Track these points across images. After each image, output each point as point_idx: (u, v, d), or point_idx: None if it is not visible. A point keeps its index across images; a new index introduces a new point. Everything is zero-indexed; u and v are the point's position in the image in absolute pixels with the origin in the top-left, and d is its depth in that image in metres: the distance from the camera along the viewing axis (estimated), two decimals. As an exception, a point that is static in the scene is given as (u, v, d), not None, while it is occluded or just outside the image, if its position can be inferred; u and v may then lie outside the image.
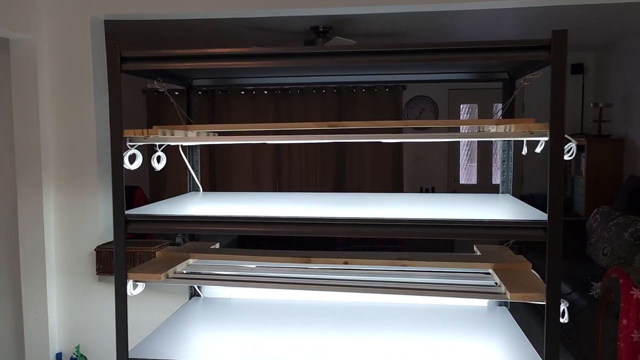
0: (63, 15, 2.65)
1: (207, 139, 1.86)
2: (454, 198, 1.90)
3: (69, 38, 2.66)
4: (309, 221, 1.47)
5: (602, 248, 4.49)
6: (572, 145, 1.42)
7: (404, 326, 1.79)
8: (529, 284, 1.50)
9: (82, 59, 2.65)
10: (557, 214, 1.35)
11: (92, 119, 2.67)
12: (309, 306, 1.95)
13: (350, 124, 1.56)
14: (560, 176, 1.35)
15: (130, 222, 1.54)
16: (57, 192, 2.73)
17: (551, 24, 4.59)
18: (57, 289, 2.75)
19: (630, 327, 2.95)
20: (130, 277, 1.55)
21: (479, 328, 1.78)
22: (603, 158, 5.32)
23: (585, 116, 5.96)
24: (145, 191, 5.39)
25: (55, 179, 2.72)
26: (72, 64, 2.67)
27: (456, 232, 1.43)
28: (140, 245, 2.55)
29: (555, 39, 1.33)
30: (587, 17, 4.29)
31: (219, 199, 1.96)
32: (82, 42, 2.64)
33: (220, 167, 6.52)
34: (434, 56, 1.44)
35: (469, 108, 6.47)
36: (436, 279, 1.64)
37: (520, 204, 1.74)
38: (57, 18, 2.65)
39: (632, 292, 2.95)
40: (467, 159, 6.59)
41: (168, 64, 1.52)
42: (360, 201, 1.80)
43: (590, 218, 5.00)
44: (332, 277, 1.66)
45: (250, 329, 1.77)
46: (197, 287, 2.09)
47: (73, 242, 2.73)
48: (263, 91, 6.39)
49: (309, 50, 1.49)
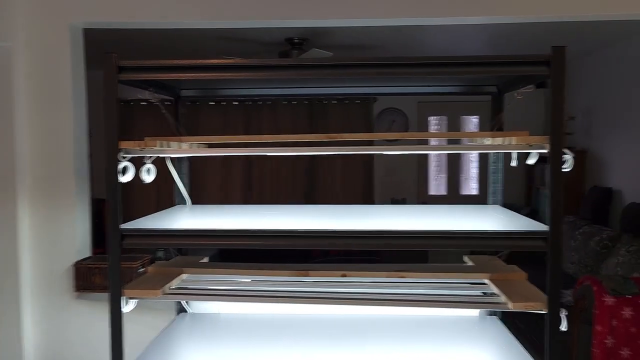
0: (41, 23, 2.56)
1: (198, 151, 1.83)
2: (448, 210, 1.92)
3: (47, 46, 2.57)
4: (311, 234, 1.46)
5: (570, 257, 4.64)
6: (569, 157, 1.46)
7: (399, 338, 1.78)
8: (529, 294, 1.52)
9: (60, 68, 2.56)
10: (558, 225, 1.38)
11: (69, 130, 2.58)
12: (301, 320, 1.93)
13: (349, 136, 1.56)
14: (561, 187, 1.39)
15: (125, 236, 1.48)
16: (32, 205, 2.61)
17: (517, 40, 4.75)
18: (32, 307, 2.62)
19: (604, 333, 3.04)
20: (126, 294, 1.49)
21: (475, 338, 1.80)
22: (566, 169, 5.50)
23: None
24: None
25: (30, 191, 2.61)
26: (50, 72, 2.57)
27: (460, 243, 1.44)
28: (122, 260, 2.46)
29: (554, 54, 1.37)
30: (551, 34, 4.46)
31: (209, 212, 1.92)
32: (60, 50, 2.55)
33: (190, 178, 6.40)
34: (433, 69, 1.46)
35: (438, 120, 6.59)
36: (435, 290, 1.65)
37: (513, 214, 1.78)
38: (35, 25, 2.56)
39: (604, 299, 3.06)
40: (437, 171, 6.70)
41: (167, 74, 1.49)
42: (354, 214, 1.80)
43: (556, 227, 5.15)
44: (330, 290, 1.65)
45: (244, 344, 1.73)
46: (185, 303, 2.03)
47: (49, 258, 2.61)
48: (233, 102, 6.34)
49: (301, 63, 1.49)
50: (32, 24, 2.55)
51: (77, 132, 2.62)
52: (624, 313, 3.02)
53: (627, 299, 3.03)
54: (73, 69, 2.58)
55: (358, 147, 1.56)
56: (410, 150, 1.63)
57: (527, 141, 1.46)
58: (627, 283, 3.10)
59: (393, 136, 1.65)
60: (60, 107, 2.58)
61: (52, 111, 2.59)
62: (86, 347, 2.65)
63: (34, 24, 2.55)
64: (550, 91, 1.38)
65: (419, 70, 1.44)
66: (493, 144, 1.60)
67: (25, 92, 2.56)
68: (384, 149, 1.53)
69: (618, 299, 3.04)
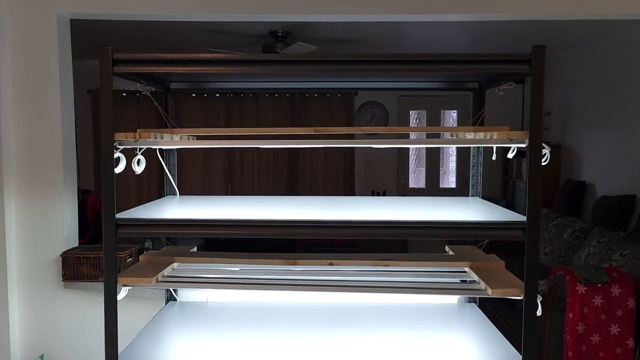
0: (27, 13, 2.54)
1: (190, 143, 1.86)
2: (427, 201, 1.99)
3: (34, 36, 2.56)
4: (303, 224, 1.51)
5: (543, 248, 4.79)
6: (547, 152, 1.54)
7: (383, 323, 1.85)
8: (507, 281, 1.61)
9: (48, 58, 2.55)
10: (535, 215, 1.46)
11: (57, 120, 2.58)
12: (288, 308, 1.99)
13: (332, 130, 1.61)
14: (540, 180, 1.47)
15: (120, 225, 1.52)
16: (19, 195, 2.61)
17: (496, 37, 4.85)
18: (19, 296, 2.63)
19: (576, 320, 3.18)
20: (120, 281, 1.53)
21: (454, 324, 1.88)
22: (542, 163, 5.65)
23: (526, 124, 6.28)
24: (97, 196, 5.22)
25: (17, 182, 2.60)
26: (37, 63, 2.56)
27: (441, 233, 1.51)
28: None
29: (535, 53, 1.45)
30: (528, 31, 4.58)
31: (199, 203, 1.96)
32: (47, 40, 2.55)
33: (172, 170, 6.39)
34: (420, 66, 1.52)
35: (417, 114, 6.70)
36: (418, 278, 1.73)
37: (493, 206, 1.86)
38: (22, 15, 2.54)
39: (577, 288, 3.19)
40: (416, 164, 6.81)
41: (161, 67, 1.52)
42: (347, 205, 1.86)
43: (532, 219, 5.30)
44: (318, 278, 1.71)
45: (233, 331, 1.78)
46: (174, 291, 2.07)
47: (36, 248, 2.62)
48: (215, 94, 6.33)
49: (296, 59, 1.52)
50: (20, 14, 2.54)
51: (65, 122, 2.63)
52: (594, 301, 3.16)
53: (597, 288, 3.16)
54: (60, 59, 2.57)
55: (339, 140, 1.62)
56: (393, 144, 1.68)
57: (508, 136, 1.54)
58: (598, 272, 3.23)
59: (375, 130, 1.71)
60: (48, 98, 2.58)
61: (39, 102, 2.59)
62: (73, 336, 2.67)
63: (22, 14, 2.54)
64: (531, 88, 1.46)
65: (401, 67, 1.50)
66: (475, 138, 1.67)
67: (13, 82, 2.56)
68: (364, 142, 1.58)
69: (589, 287, 3.17)
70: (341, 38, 4.80)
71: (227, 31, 4.48)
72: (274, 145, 1.55)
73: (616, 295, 3.14)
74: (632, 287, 3.15)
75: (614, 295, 3.14)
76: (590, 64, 5.20)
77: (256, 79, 2.11)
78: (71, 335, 2.66)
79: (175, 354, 1.63)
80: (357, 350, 1.63)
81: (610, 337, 3.16)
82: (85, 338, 2.65)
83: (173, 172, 2.14)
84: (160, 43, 4.97)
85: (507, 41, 4.97)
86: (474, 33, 4.80)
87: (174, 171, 2.15)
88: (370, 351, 1.62)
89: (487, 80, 1.92)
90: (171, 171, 2.13)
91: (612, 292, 3.15)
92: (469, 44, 5.25)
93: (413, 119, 6.71)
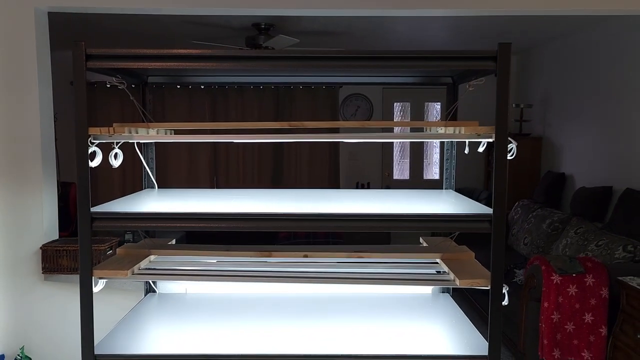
0: (4, 6, 2.53)
1: (165, 137, 1.88)
2: (402, 194, 2.03)
3: (12, 30, 2.55)
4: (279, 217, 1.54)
5: (523, 238, 4.87)
6: (513, 146, 1.58)
7: (358, 314, 1.90)
8: (475, 272, 1.65)
9: (26, 52, 2.55)
10: (501, 208, 1.51)
11: (35, 113, 2.58)
12: (265, 299, 2.02)
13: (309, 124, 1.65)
14: (505, 173, 1.51)
15: (95, 219, 1.54)
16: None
17: (478, 30, 4.90)
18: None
19: (551, 309, 3.25)
20: (96, 274, 1.55)
21: (427, 313, 1.93)
22: (523, 155, 5.74)
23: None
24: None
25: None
26: (15, 56, 2.56)
27: (411, 225, 1.55)
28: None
29: (500, 50, 1.48)
30: (510, 24, 4.63)
31: (176, 196, 1.98)
32: (25, 34, 2.54)
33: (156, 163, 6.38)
34: (389, 63, 1.56)
35: (401, 106, 6.74)
36: (391, 269, 1.77)
37: (464, 199, 1.90)
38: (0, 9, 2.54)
39: (552, 278, 3.26)
40: (400, 156, 6.87)
41: (135, 62, 1.53)
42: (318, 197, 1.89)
43: (512, 211, 5.39)
44: (292, 269, 1.74)
45: (210, 321, 1.81)
46: (153, 283, 2.10)
47: (16, 241, 2.63)
48: (200, 87, 6.32)
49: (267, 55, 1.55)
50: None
51: (44, 116, 2.63)
52: (569, 290, 3.23)
53: (572, 278, 3.24)
54: (38, 52, 2.57)
55: (320, 134, 1.65)
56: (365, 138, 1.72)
57: (476, 131, 1.58)
58: (572, 262, 3.31)
59: (350, 124, 1.74)
60: (26, 92, 2.57)
61: (18, 95, 2.59)
62: (53, 328, 2.69)
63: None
64: (497, 84, 1.49)
65: (370, 63, 1.53)
66: (445, 133, 1.71)
67: (-10, 76, 2.55)
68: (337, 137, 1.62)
69: (564, 277, 3.25)
70: (323, 30, 4.81)
71: (210, 23, 4.47)
72: (247, 141, 1.58)
73: (590, 284, 3.22)
74: (605, 276, 3.23)
75: (588, 284, 3.22)
76: (570, 58, 5.27)
77: (236, 73, 2.13)
78: (51, 327, 2.68)
79: (152, 343, 1.66)
80: (330, 339, 1.67)
81: (584, 325, 3.24)
82: (65, 329, 2.67)
83: (151, 166, 2.16)
84: (142, 36, 4.95)
85: (488, 35, 5.01)
86: (455, 26, 4.84)
87: (152, 164, 2.16)
88: (342, 339, 1.66)
89: (459, 75, 1.96)
90: (149, 164, 2.15)
91: (586, 281, 3.23)
92: (451, 37, 5.30)
93: (397, 111, 6.76)
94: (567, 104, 5.32)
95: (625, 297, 3.02)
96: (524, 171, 5.78)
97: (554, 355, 3.27)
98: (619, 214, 3.97)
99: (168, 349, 1.61)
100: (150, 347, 1.62)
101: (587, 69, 4.93)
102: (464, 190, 5.99)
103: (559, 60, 5.51)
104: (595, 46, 4.82)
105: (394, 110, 6.75)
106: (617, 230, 3.83)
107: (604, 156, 4.66)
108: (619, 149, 4.43)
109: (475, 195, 6.02)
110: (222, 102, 6.42)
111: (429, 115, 6.74)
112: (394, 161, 6.85)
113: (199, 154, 6.44)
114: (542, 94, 5.85)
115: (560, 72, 5.49)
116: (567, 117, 5.32)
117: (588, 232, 3.96)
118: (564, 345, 3.26)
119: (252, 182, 6.49)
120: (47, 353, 2.68)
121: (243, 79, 2.23)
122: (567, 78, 5.33)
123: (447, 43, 5.62)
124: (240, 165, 6.50)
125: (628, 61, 4.31)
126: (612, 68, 4.54)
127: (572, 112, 5.23)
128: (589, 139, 4.91)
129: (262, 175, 6.53)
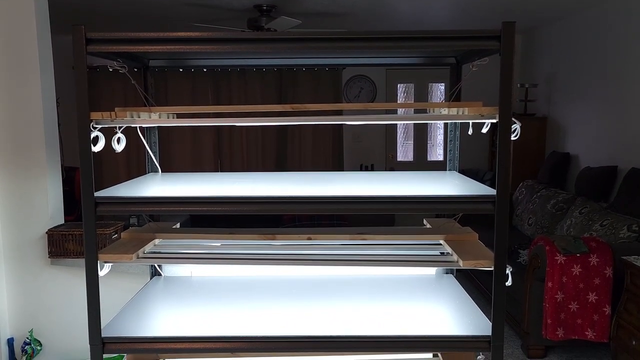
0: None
1: (169, 121, 1.88)
2: (406, 176, 2.03)
3: (12, 15, 2.53)
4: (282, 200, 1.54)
5: (527, 219, 4.87)
6: (517, 127, 1.57)
7: (362, 295, 1.91)
8: (478, 253, 1.66)
9: (26, 37, 2.53)
10: (505, 189, 1.50)
11: (38, 97, 2.57)
12: (270, 281, 2.04)
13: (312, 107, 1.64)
14: (509, 154, 1.50)
15: (99, 203, 1.55)
16: (4, 174, 2.62)
17: (482, 9, 4.83)
18: (7, 273, 2.66)
19: (555, 289, 3.26)
20: (101, 258, 1.56)
21: (431, 294, 1.94)
22: (528, 135, 5.71)
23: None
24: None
25: (1, 161, 2.61)
26: (16, 40, 2.54)
27: (415, 207, 1.55)
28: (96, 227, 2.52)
29: (504, 29, 1.46)
30: (514, 3, 4.57)
31: (180, 180, 1.98)
32: (26, 19, 2.52)
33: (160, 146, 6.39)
34: (392, 43, 1.54)
35: (405, 87, 6.70)
36: (394, 251, 1.77)
37: (467, 180, 1.89)
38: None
39: (556, 258, 3.27)
40: (404, 137, 6.84)
41: (135, 46, 1.52)
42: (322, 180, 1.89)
43: (517, 191, 5.38)
44: (296, 252, 1.75)
45: (215, 304, 1.83)
46: (158, 267, 2.12)
47: (22, 226, 2.65)
48: (202, 70, 6.29)
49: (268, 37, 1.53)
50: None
51: (46, 101, 2.63)
52: (573, 270, 3.24)
53: (576, 257, 3.25)
54: (39, 36, 2.56)
55: (323, 117, 1.64)
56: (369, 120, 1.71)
57: (480, 111, 1.57)
58: (577, 242, 3.31)
59: (353, 106, 1.73)
60: (28, 77, 2.57)
61: (20, 79, 2.58)
62: (61, 311, 2.72)
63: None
64: (500, 64, 1.48)
65: (371, 44, 1.51)
66: (448, 114, 1.70)
67: (-9, 61, 2.54)
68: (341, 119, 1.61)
69: (568, 257, 3.25)
70: (326, 11, 4.76)
71: (211, 5, 4.43)
72: (250, 124, 1.58)
73: (594, 264, 3.23)
74: (609, 256, 3.23)
75: (592, 264, 3.23)
76: (575, 36, 5.21)
77: (238, 56, 2.11)
78: (59, 310, 2.71)
79: (158, 325, 1.68)
80: (335, 320, 1.68)
81: (588, 305, 3.25)
82: (73, 312, 2.70)
83: (154, 150, 2.16)
84: (143, 19, 4.91)
85: (492, 15, 4.95)
86: (459, 6, 4.78)
87: (155, 149, 2.16)
88: (347, 321, 1.68)
89: (463, 55, 1.94)
90: (152, 149, 2.15)
91: (590, 261, 3.23)
92: (454, 16, 5.23)
93: (401, 92, 6.72)
94: (573, 84, 5.27)
95: (630, 276, 3.02)
96: (528, 151, 5.75)
97: (557, 334, 3.29)
98: (623, 194, 3.96)
99: (174, 331, 1.62)
100: (156, 330, 1.64)
101: (593, 48, 4.87)
102: (468, 171, 5.97)
103: (564, 40, 5.45)
104: (601, 25, 4.76)
105: (397, 91, 6.71)
106: (622, 210, 3.82)
107: (609, 136, 4.63)
108: (624, 129, 4.40)
109: (480, 175, 6.01)
110: (225, 86, 6.40)
111: (433, 96, 6.70)
112: (397, 143, 6.83)
113: (202, 138, 6.43)
114: (548, 74, 5.80)
115: (565, 52, 5.42)
116: (573, 97, 5.27)
117: (592, 212, 3.95)
118: (568, 325, 3.28)
119: (256, 166, 6.50)
120: (56, 336, 2.71)
121: (245, 62, 2.22)
122: (572, 57, 5.27)
123: (450, 23, 5.55)
124: (244, 149, 6.49)
125: (634, 40, 4.26)
126: (618, 47, 4.48)
127: (577, 92, 5.18)
128: (594, 119, 4.87)
129: (266, 159, 6.53)
